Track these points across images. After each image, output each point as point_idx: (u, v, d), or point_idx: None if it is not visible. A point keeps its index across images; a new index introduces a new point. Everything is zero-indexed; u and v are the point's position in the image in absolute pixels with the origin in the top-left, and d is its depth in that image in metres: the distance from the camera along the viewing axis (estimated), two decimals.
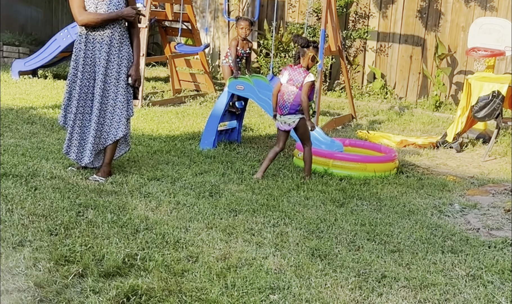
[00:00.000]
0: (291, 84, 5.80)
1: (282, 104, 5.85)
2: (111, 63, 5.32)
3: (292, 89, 5.79)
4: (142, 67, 9.29)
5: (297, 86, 5.78)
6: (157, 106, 9.28)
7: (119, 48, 5.35)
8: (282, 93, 5.85)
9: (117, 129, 5.37)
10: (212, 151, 6.68)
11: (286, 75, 5.86)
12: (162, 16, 10.31)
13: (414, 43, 11.65)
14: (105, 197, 4.87)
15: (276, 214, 4.83)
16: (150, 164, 6.00)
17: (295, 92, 5.78)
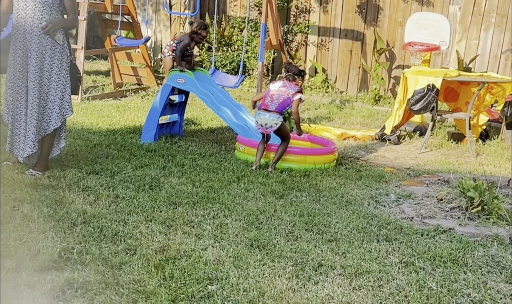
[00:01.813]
0: (283, 91, 6.11)
1: (269, 101, 6.09)
2: (43, 55, 5.20)
3: (283, 93, 6.09)
4: (81, 60, 9.16)
5: (288, 94, 6.08)
6: (98, 100, 9.16)
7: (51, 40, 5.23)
8: (271, 94, 6.12)
9: (48, 123, 5.27)
10: (153, 145, 6.65)
11: (279, 84, 6.20)
12: (101, 8, 10.17)
13: (354, 38, 11.84)
14: (41, 191, 4.79)
15: (216, 206, 4.85)
16: (89, 158, 5.93)
17: (285, 97, 6.08)
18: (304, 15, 12.12)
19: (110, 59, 10.37)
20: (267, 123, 6.06)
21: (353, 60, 11.89)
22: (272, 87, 6.18)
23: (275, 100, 6.08)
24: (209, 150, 6.73)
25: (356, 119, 9.51)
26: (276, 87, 6.16)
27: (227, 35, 12.18)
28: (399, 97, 8.08)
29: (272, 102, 6.07)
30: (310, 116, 9.44)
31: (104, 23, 10.70)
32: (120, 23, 9.86)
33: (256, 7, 11.97)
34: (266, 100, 6.12)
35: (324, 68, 12.05)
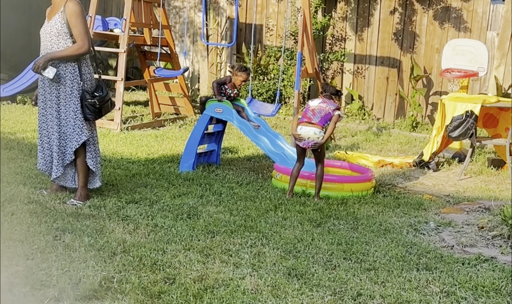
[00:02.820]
0: (324, 105, 6.12)
1: (312, 114, 6.12)
2: (57, 83, 5.35)
3: (324, 108, 6.11)
4: (121, 92, 9.34)
5: (329, 109, 6.09)
6: (137, 130, 9.31)
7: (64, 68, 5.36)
8: (312, 108, 6.15)
9: (65, 147, 5.43)
10: (191, 174, 6.71)
11: (318, 100, 6.23)
12: (140, 40, 10.37)
13: (390, 65, 11.82)
14: (82, 221, 4.88)
15: (254, 235, 4.86)
16: (129, 188, 6.02)
17: (326, 111, 6.09)
18: (340, 43, 12.16)
19: (149, 89, 10.54)
20: (310, 137, 6.05)
21: (389, 87, 11.85)
22: (312, 104, 6.20)
23: (317, 114, 6.08)
24: (246, 178, 6.76)
25: (394, 146, 9.44)
26: (315, 104, 6.17)
27: (263, 64, 12.29)
28: (437, 123, 8.01)
29: (314, 115, 6.08)
30: (347, 143, 9.42)
31: (143, 55, 10.91)
32: (159, 54, 10.04)
33: (291, 36, 12.06)
34: (308, 114, 6.12)
35: (361, 95, 12.04)
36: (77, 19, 5.31)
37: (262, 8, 12.83)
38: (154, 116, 10.42)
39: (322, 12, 12.03)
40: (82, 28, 5.33)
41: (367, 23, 11.97)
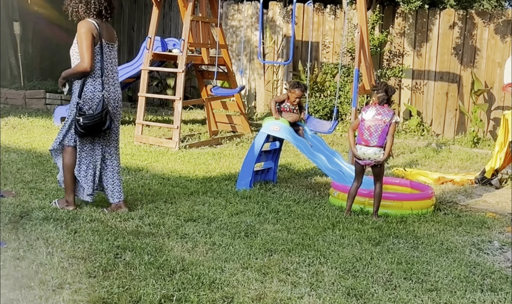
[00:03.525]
0: (379, 118, 5.98)
1: (368, 135, 5.98)
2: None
3: (380, 123, 5.97)
4: (179, 110, 9.48)
5: (385, 122, 5.96)
6: (194, 148, 9.42)
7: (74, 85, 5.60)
8: (367, 126, 6.00)
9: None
10: (248, 192, 6.73)
11: (372, 111, 6.03)
12: (198, 60, 10.52)
13: (449, 80, 11.61)
14: (142, 239, 4.95)
15: (312, 253, 4.83)
16: (187, 206, 6.08)
17: (383, 126, 5.96)
18: (398, 59, 12.03)
19: (206, 108, 10.67)
20: (370, 157, 5.99)
21: (449, 103, 11.63)
22: (366, 117, 6.02)
23: (373, 133, 5.96)
24: (303, 196, 6.74)
25: (454, 163, 9.24)
26: (370, 116, 6.01)
27: (319, 81, 12.26)
28: (500, 139, 7.79)
29: (371, 136, 5.97)
30: (405, 160, 9.27)
31: (200, 74, 11.06)
32: (216, 73, 10.15)
33: (348, 53, 12.01)
34: (365, 135, 5.99)
35: (419, 111, 11.86)
36: (80, 38, 5.45)
37: (318, 25, 12.84)
38: (212, 134, 10.53)
39: (379, 28, 11.94)
40: (84, 47, 5.42)
41: (426, 38, 11.81)
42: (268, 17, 13.32)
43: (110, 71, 5.62)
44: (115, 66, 5.71)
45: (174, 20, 14.38)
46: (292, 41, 9.23)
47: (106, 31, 5.58)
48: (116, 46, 5.76)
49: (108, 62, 5.59)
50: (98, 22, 5.53)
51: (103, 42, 5.53)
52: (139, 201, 6.11)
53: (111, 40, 5.64)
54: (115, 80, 5.70)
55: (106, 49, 5.56)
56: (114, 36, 5.72)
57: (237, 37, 13.64)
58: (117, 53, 5.78)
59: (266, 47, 13.28)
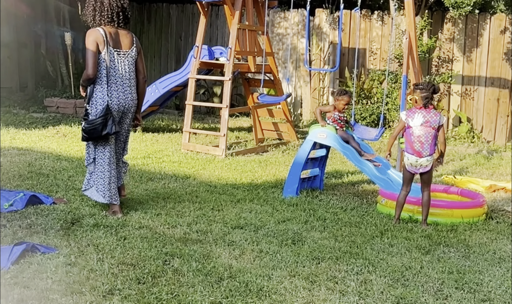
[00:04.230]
0: (428, 125, 5.87)
1: (420, 147, 5.87)
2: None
3: (430, 131, 5.86)
4: (226, 118, 9.52)
5: (433, 128, 5.86)
6: (241, 156, 9.45)
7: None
8: (417, 136, 5.88)
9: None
10: (295, 199, 6.71)
11: (419, 117, 5.89)
12: (245, 68, 10.56)
13: (501, 86, 11.35)
14: (190, 246, 4.98)
15: (360, 262, 4.77)
16: (234, 213, 6.10)
17: (432, 133, 5.86)
18: (447, 64, 11.84)
19: (253, 115, 10.70)
20: (422, 164, 5.90)
21: (500, 109, 11.38)
22: (413, 124, 5.87)
23: (424, 144, 5.84)
24: (350, 203, 6.68)
25: (506, 170, 9.02)
26: (418, 123, 5.85)
27: (366, 88, 12.16)
28: None
29: (423, 147, 5.85)
30: (455, 168, 9.09)
31: (247, 82, 11.10)
32: (263, 81, 10.18)
33: (396, 59, 11.88)
34: (416, 146, 5.86)
35: (469, 117, 11.63)
36: (86, 47, 5.61)
37: (365, 32, 12.74)
38: (258, 141, 10.55)
39: (428, 34, 11.78)
40: (88, 54, 5.58)
41: (476, 43, 11.59)
42: (315, 24, 13.30)
43: (119, 78, 5.70)
44: (127, 72, 5.75)
45: (221, 29, 14.49)
46: (339, 48, 9.18)
47: (115, 39, 5.67)
48: (130, 52, 5.78)
49: (115, 69, 5.67)
50: (109, 30, 5.65)
51: (110, 49, 5.62)
52: (186, 208, 6.16)
53: (121, 47, 5.71)
54: (125, 86, 5.75)
55: (113, 56, 5.65)
56: (126, 43, 5.75)
57: (284, 45, 13.65)
58: (133, 59, 5.81)
59: (313, 54, 13.25)
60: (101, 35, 5.59)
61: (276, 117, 11.40)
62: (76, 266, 4.41)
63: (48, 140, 9.74)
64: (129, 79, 5.77)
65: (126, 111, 5.81)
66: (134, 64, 5.81)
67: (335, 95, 7.18)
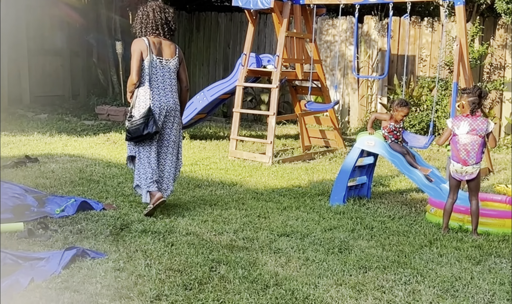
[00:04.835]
0: (474, 133, 5.76)
1: (466, 155, 5.77)
2: None
3: (476, 139, 5.76)
4: (272, 126, 9.54)
5: (480, 136, 5.75)
6: (287, 163, 9.44)
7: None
8: (464, 144, 5.78)
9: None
10: (342, 207, 6.67)
11: (465, 125, 5.78)
12: (292, 76, 10.57)
13: None
14: (236, 253, 5.00)
15: (408, 271, 4.70)
16: (280, 220, 6.09)
17: (479, 141, 5.76)
18: (499, 71, 11.60)
19: (300, 123, 10.68)
20: (467, 171, 5.78)
21: None
22: (459, 132, 5.76)
23: (471, 152, 5.72)
24: (398, 212, 6.59)
25: None
26: (463, 131, 5.74)
27: (415, 95, 12.00)
28: None
29: (469, 156, 5.73)
30: (507, 177, 8.87)
31: (294, 90, 11.10)
32: (310, 88, 10.16)
33: (446, 66, 11.70)
34: (462, 154, 5.75)
35: None
36: (131, 54, 6.08)
37: (415, 39, 12.60)
38: (305, 149, 10.52)
39: (480, 40, 11.56)
40: (132, 62, 6.04)
41: None
42: (363, 31, 13.21)
43: (160, 83, 6.11)
44: (167, 78, 6.16)
45: (269, 37, 14.54)
46: (388, 55, 9.10)
47: (158, 48, 6.11)
48: (172, 61, 6.18)
49: (157, 75, 6.09)
50: (153, 40, 6.09)
51: (153, 57, 6.05)
52: (233, 215, 6.19)
53: (163, 55, 6.13)
54: (166, 91, 6.15)
55: (155, 63, 6.07)
56: (168, 52, 6.16)
57: (331, 52, 13.60)
58: (174, 67, 6.20)
59: (361, 61, 13.17)
60: (145, 44, 6.05)
61: (323, 124, 11.36)
62: (124, 272, 4.48)
63: (98, 147, 9.94)
64: (170, 84, 6.18)
65: (167, 114, 6.16)
66: (175, 72, 6.22)
67: (394, 105, 6.98)
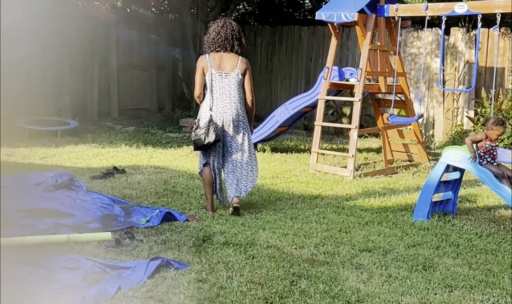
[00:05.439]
0: None
1: None
2: None
3: None
4: (354, 139, 9.44)
5: None
6: (369, 177, 9.32)
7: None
8: None
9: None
10: (426, 223, 6.51)
11: None
12: (375, 89, 10.44)
13: None
14: (317, 267, 4.98)
15: (496, 292, 4.53)
16: (362, 235, 6.02)
17: None
18: None
19: (382, 136, 10.53)
20: None
21: None
22: None
23: None
24: (486, 229, 6.37)
25: None
26: None
27: (504, 108, 11.58)
28: None
29: None
30: None
31: (377, 103, 10.96)
32: (393, 101, 10.00)
33: None
34: None
35: None
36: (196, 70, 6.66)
37: (504, 50, 12.19)
38: (387, 163, 10.35)
39: None
40: (195, 77, 6.64)
41: None
42: (449, 43, 12.89)
43: (220, 95, 6.55)
44: (228, 90, 6.57)
45: (352, 49, 14.45)
46: (476, 67, 8.84)
47: (219, 62, 6.58)
48: (232, 74, 6.57)
49: (217, 87, 6.55)
50: (214, 55, 6.58)
51: (212, 71, 6.54)
52: (314, 229, 6.17)
53: (223, 69, 6.56)
54: (225, 102, 6.56)
55: (215, 77, 6.55)
56: (229, 66, 6.58)
57: (416, 65, 13.35)
58: (235, 80, 6.58)
59: (447, 74, 12.85)
60: (206, 60, 6.59)
61: (406, 138, 11.14)
62: (207, 283, 4.54)
63: (182, 159, 10.16)
64: (229, 96, 6.57)
65: (228, 124, 6.59)
66: (237, 84, 6.60)
67: (489, 124, 6.65)
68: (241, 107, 6.63)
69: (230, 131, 6.61)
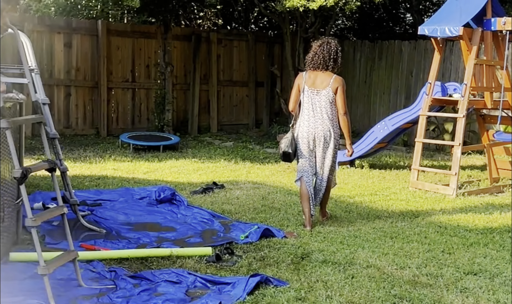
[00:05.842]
0: None
1: None
2: None
3: None
4: (458, 156, 9.14)
5: None
6: (473, 196, 8.97)
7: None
8: None
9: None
10: None
11: None
12: (480, 104, 10.06)
13: None
14: (419, 290, 4.83)
15: None
16: (466, 257, 5.79)
17: None
18: None
19: (487, 154, 10.12)
20: None
21: None
22: None
23: None
24: None
25: None
26: None
27: None
28: None
29: None
30: None
31: (482, 119, 10.56)
32: (500, 118, 9.60)
33: None
34: None
35: None
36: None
37: None
38: (492, 181, 9.93)
39: None
40: (292, 92, 6.98)
41: None
42: None
43: (310, 111, 6.77)
44: (318, 107, 6.74)
45: (455, 64, 14.03)
46: None
47: (314, 80, 6.79)
48: (323, 91, 6.72)
49: (309, 103, 6.77)
50: (310, 73, 6.81)
51: (306, 88, 6.79)
52: (415, 249, 6.01)
53: (316, 87, 6.76)
54: (316, 118, 6.74)
55: (307, 93, 6.79)
56: (322, 84, 6.74)
57: None
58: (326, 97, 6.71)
59: None
60: (303, 78, 6.85)
61: None
62: (306, 302, 4.52)
63: (279, 174, 10.20)
64: (320, 113, 6.75)
65: (316, 139, 6.76)
66: (329, 101, 6.73)
67: None
68: (332, 124, 6.78)
69: (319, 146, 6.78)
